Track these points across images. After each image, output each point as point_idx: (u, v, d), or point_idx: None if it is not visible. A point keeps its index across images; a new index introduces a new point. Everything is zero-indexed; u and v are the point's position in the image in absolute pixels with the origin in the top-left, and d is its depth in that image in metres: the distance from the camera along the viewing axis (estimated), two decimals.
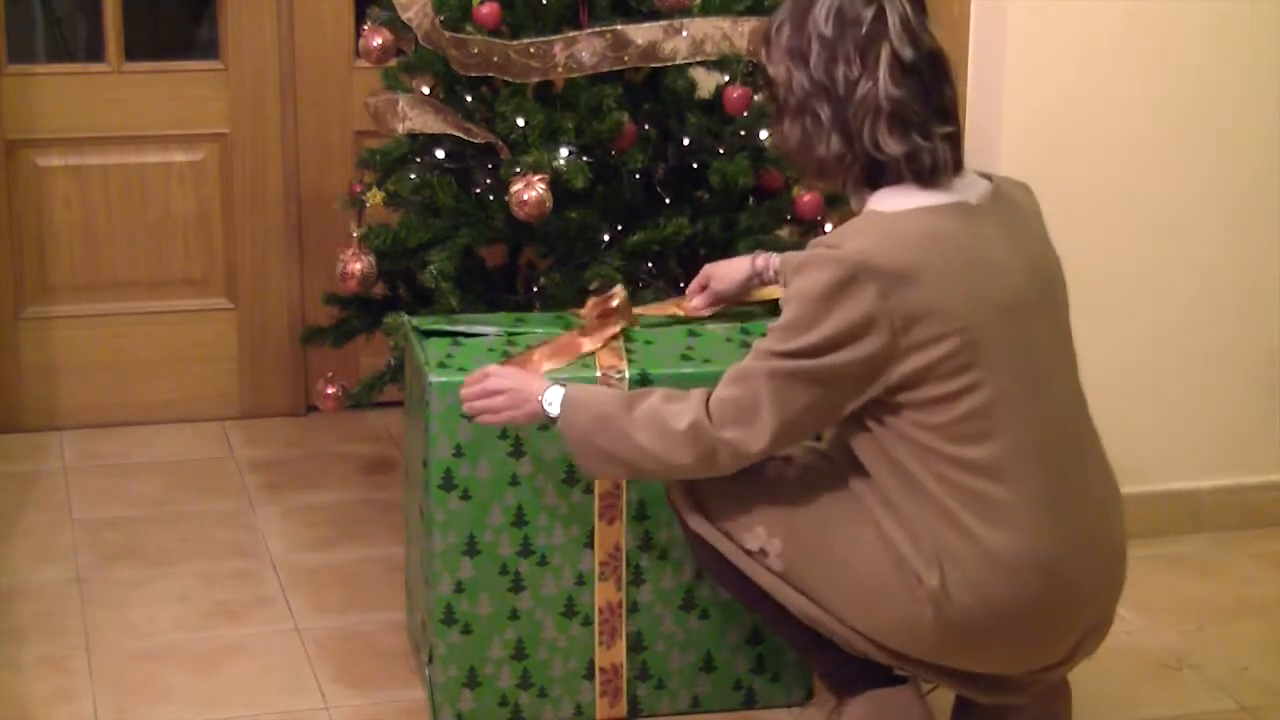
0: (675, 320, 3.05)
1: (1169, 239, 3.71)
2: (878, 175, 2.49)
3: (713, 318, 3.05)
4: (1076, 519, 2.50)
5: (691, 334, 3.00)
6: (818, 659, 2.73)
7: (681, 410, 2.53)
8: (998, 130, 3.59)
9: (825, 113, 2.47)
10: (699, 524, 2.70)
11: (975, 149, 3.64)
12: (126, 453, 4.25)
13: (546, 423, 2.69)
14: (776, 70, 2.53)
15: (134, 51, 4.30)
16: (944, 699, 2.77)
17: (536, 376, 2.75)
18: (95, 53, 4.38)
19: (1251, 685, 3.21)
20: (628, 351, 2.91)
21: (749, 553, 2.64)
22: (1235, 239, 3.75)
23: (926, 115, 2.46)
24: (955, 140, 2.50)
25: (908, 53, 2.45)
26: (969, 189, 2.52)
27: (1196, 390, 3.80)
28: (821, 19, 2.47)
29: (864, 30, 2.45)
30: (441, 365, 2.89)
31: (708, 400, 2.52)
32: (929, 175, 2.47)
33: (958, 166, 2.51)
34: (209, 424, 4.42)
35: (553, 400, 2.64)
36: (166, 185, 4.34)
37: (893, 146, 2.45)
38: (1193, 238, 3.72)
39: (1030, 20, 3.54)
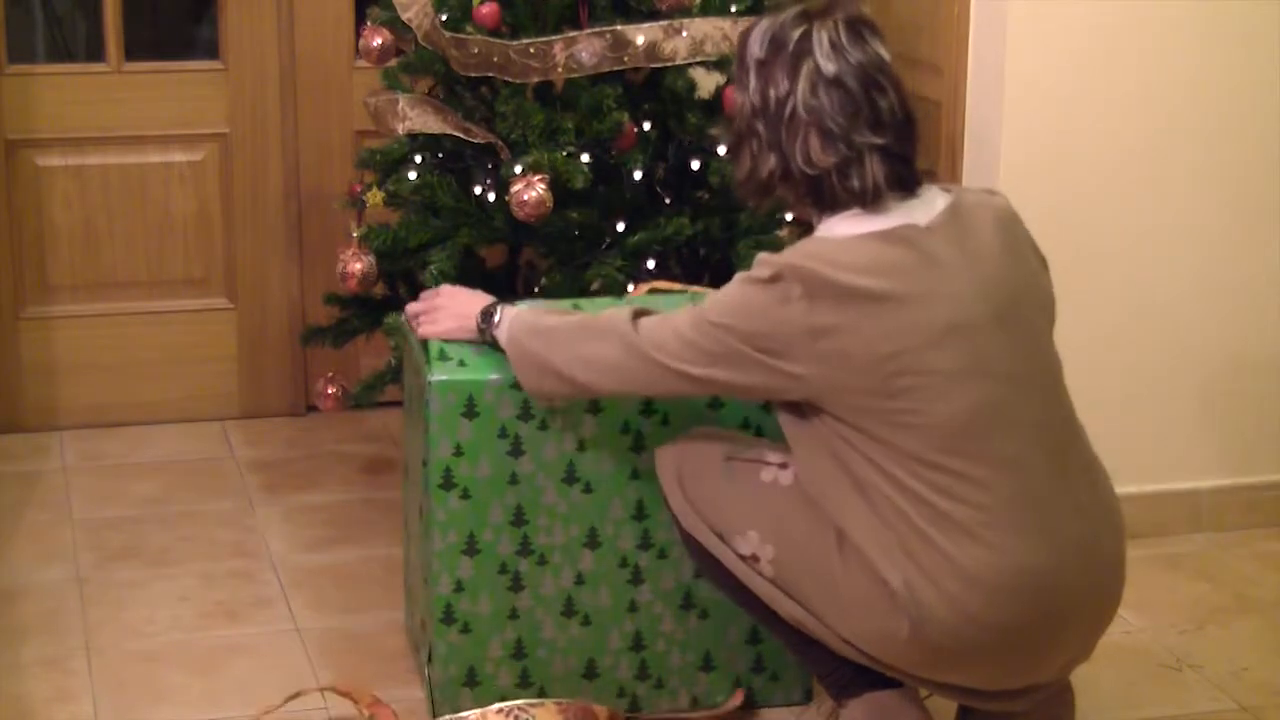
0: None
1: (1169, 238, 3.71)
2: (819, 196, 2.52)
3: None
4: (1053, 533, 2.48)
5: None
6: (814, 661, 2.73)
7: (612, 314, 2.67)
8: (998, 130, 3.59)
9: (762, 133, 2.54)
10: (695, 528, 2.71)
11: (975, 151, 3.65)
12: (126, 453, 4.25)
13: (483, 338, 2.85)
14: (732, 102, 2.64)
15: (134, 51, 4.30)
16: (945, 702, 2.77)
17: (481, 297, 2.90)
18: (95, 53, 4.38)
19: (1251, 685, 3.21)
20: None
21: (742, 557, 2.65)
22: (1236, 238, 3.75)
23: (852, 127, 2.49)
24: (893, 153, 2.51)
25: (829, 67, 2.49)
26: (919, 210, 2.51)
27: (1196, 390, 3.80)
28: (756, 46, 2.55)
29: (790, 49, 2.51)
30: (441, 358, 2.87)
31: (636, 316, 2.64)
32: (871, 197, 2.49)
33: (903, 183, 2.52)
34: (209, 424, 4.42)
35: (496, 316, 2.82)
36: (166, 185, 4.34)
37: (821, 158, 2.49)
38: (1193, 237, 3.72)
39: (1030, 20, 3.54)
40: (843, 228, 2.51)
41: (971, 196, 2.59)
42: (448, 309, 2.92)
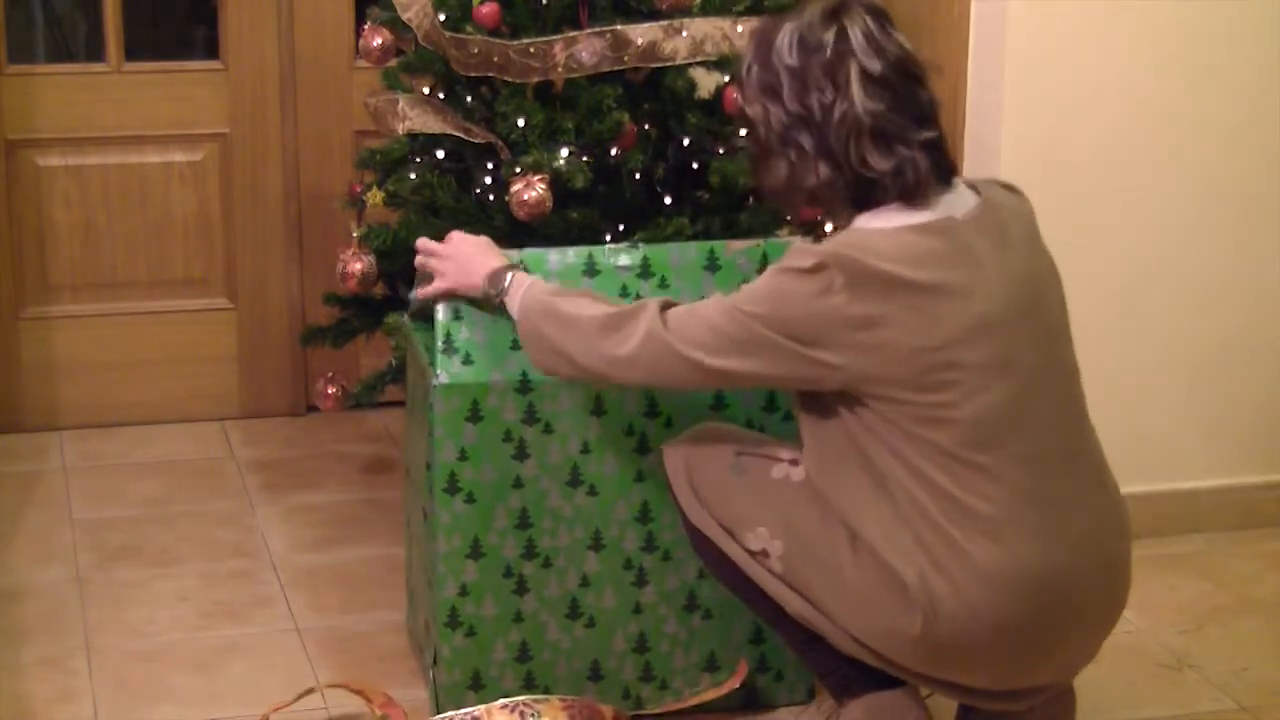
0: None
1: (1169, 238, 3.71)
2: (865, 195, 2.49)
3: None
4: (1065, 533, 2.48)
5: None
6: (816, 660, 2.73)
7: (638, 308, 2.60)
8: (998, 131, 3.59)
9: (808, 142, 2.48)
10: (702, 521, 2.70)
11: (975, 151, 3.65)
12: (126, 453, 4.25)
13: (489, 301, 2.80)
14: (753, 111, 2.55)
15: (134, 51, 4.30)
16: (945, 703, 2.77)
17: (494, 253, 2.85)
18: (95, 53, 4.38)
19: (1251, 685, 3.21)
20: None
21: (751, 553, 2.64)
22: (1236, 238, 3.75)
23: (906, 123, 2.47)
24: (939, 146, 2.50)
25: (875, 66, 2.45)
26: (955, 203, 2.51)
27: (1196, 390, 3.80)
28: (785, 51, 2.48)
29: (828, 53, 2.46)
30: (447, 347, 2.85)
31: (664, 309, 2.59)
32: (913, 193, 2.47)
33: (944, 176, 2.50)
34: (209, 424, 4.43)
35: (506, 283, 2.77)
36: (166, 185, 4.35)
37: (879, 162, 2.45)
38: (1193, 237, 3.72)
39: (1030, 20, 3.54)
40: (881, 220, 2.48)
41: (998, 193, 2.58)
42: (454, 263, 2.86)
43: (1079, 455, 2.54)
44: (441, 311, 2.86)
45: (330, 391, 3.82)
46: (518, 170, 3.24)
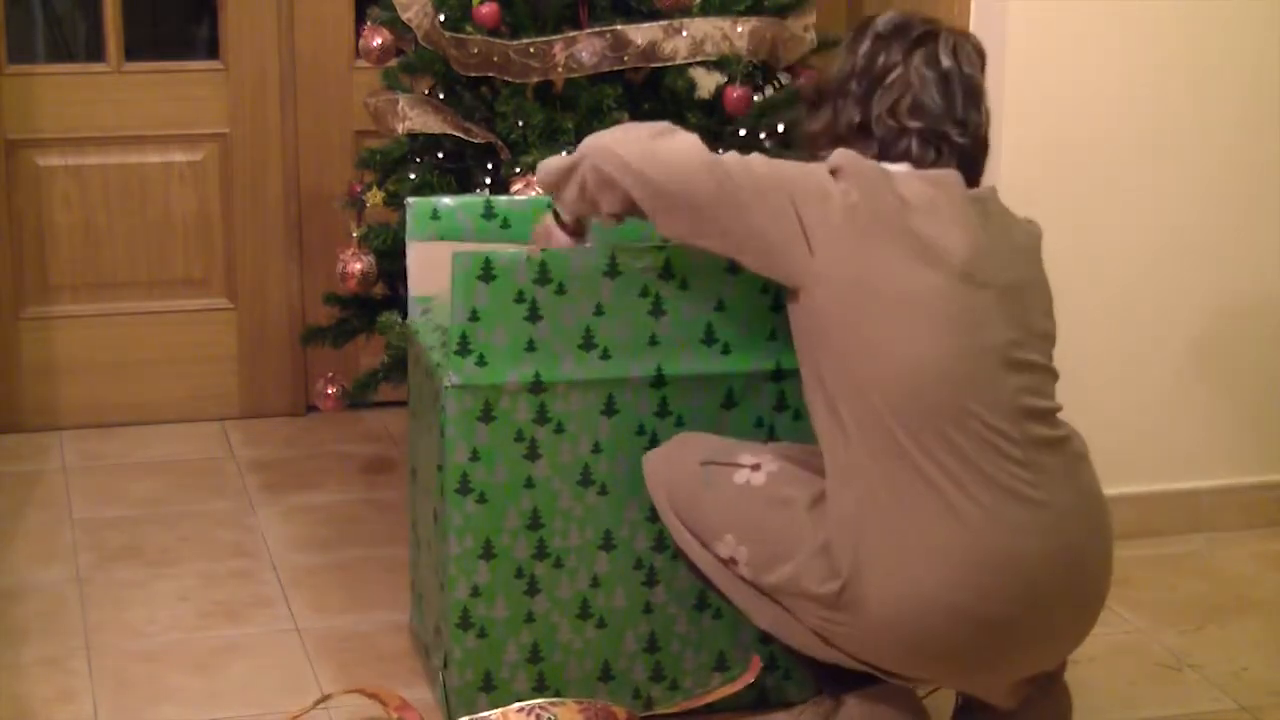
0: None
1: (1169, 238, 3.71)
2: (889, 151, 2.59)
3: None
4: (1031, 518, 2.48)
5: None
6: (808, 659, 2.73)
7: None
8: (998, 131, 3.57)
9: (857, 90, 2.61)
10: (684, 541, 2.73)
11: None
12: (126, 453, 4.25)
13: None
14: (831, 70, 2.70)
15: (134, 51, 4.30)
16: (944, 702, 2.77)
17: None
18: (95, 53, 4.38)
19: (1251, 685, 3.21)
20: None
21: (722, 561, 2.66)
22: (1237, 239, 3.75)
23: (945, 113, 2.58)
24: (967, 156, 2.60)
25: (946, 61, 2.60)
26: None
27: (1196, 390, 3.80)
28: (882, 22, 2.65)
29: (914, 35, 2.61)
30: (461, 351, 2.85)
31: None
32: (932, 161, 2.57)
33: (967, 174, 2.59)
34: (209, 424, 4.43)
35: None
36: (166, 185, 4.35)
37: (908, 119, 2.57)
38: (1193, 237, 3.72)
39: (1030, 20, 3.54)
40: (899, 169, 2.58)
41: (1010, 212, 2.66)
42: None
43: (1054, 446, 2.53)
44: (457, 314, 2.85)
45: (330, 391, 3.82)
46: (518, 170, 3.25)
